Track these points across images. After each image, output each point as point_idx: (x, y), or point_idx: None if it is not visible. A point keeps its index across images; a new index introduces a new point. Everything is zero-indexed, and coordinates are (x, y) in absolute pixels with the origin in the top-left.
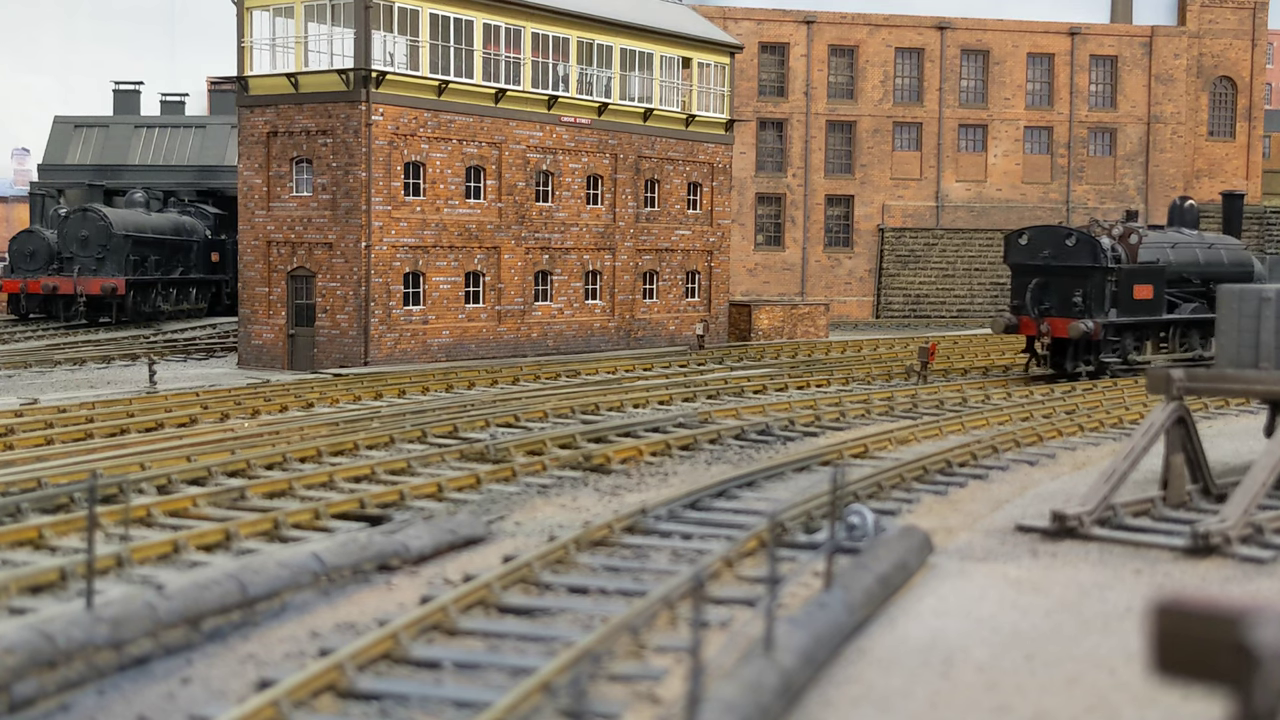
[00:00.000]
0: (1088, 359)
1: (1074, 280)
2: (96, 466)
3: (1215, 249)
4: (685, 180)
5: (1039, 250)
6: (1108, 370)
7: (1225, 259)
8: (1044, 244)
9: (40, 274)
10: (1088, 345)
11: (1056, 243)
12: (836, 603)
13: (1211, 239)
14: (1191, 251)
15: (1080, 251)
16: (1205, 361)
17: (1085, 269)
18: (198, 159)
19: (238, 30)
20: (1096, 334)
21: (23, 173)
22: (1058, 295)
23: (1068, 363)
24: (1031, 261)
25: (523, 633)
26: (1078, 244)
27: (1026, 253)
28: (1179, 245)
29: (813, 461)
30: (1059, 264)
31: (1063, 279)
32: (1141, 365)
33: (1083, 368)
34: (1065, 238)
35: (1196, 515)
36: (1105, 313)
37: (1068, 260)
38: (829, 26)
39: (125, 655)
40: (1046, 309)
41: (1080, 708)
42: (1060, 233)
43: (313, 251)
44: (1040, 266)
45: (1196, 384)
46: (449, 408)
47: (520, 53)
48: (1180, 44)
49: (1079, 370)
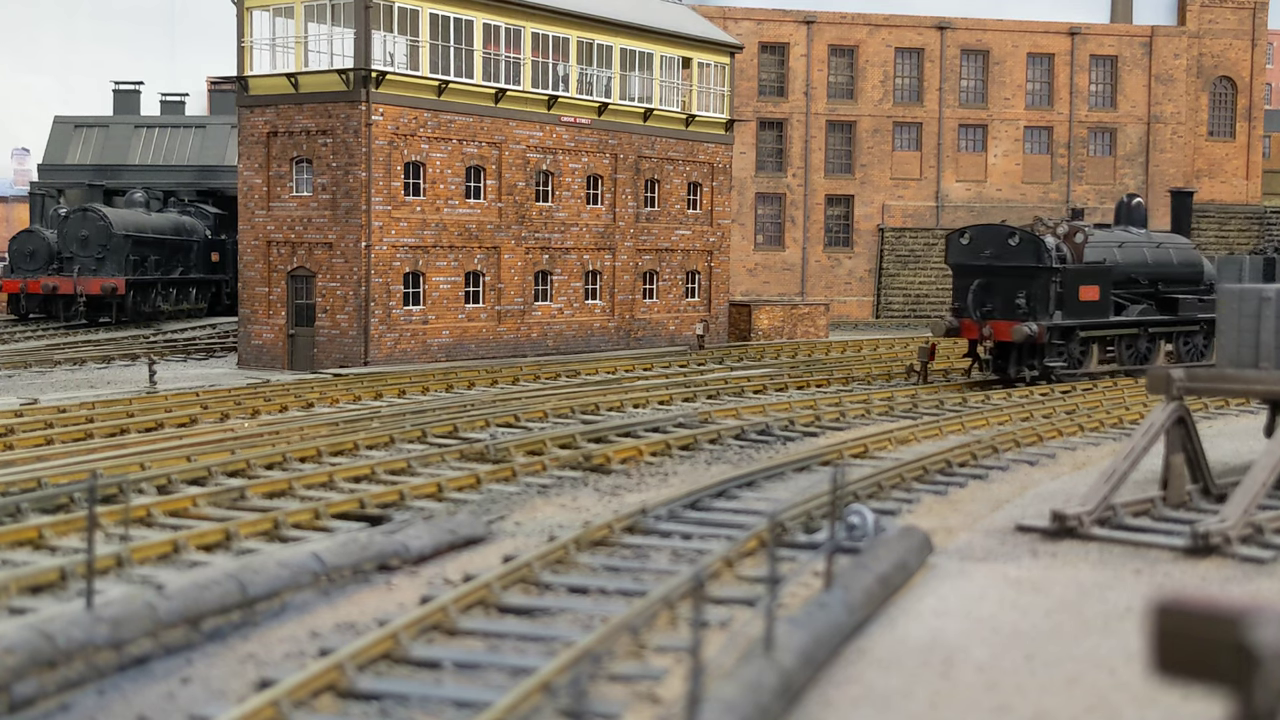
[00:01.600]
0: (1031, 363)
1: (1017, 281)
2: (96, 466)
3: (1164, 248)
4: (685, 180)
5: (981, 250)
6: (1052, 375)
7: (1174, 259)
8: (986, 243)
9: (40, 274)
10: (1032, 349)
11: (999, 242)
12: (836, 603)
13: (1160, 238)
14: (1139, 251)
15: (1024, 251)
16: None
17: (1029, 269)
18: (198, 159)
19: (238, 30)
20: (1041, 337)
21: (23, 173)
22: (1001, 297)
23: (1011, 367)
24: (973, 262)
25: (523, 633)
26: (1021, 243)
27: (968, 252)
28: (1126, 245)
29: (813, 461)
30: (1002, 264)
31: (1006, 280)
32: (1087, 371)
33: (1026, 372)
34: (1008, 237)
35: (1196, 515)
36: (1050, 315)
37: (1011, 260)
38: (829, 26)
39: (125, 655)
40: (989, 311)
41: (1080, 708)
42: (1003, 232)
43: (313, 251)
44: (983, 267)
45: (1196, 384)
46: (449, 408)
47: (520, 53)
48: (1180, 44)
49: (1022, 375)
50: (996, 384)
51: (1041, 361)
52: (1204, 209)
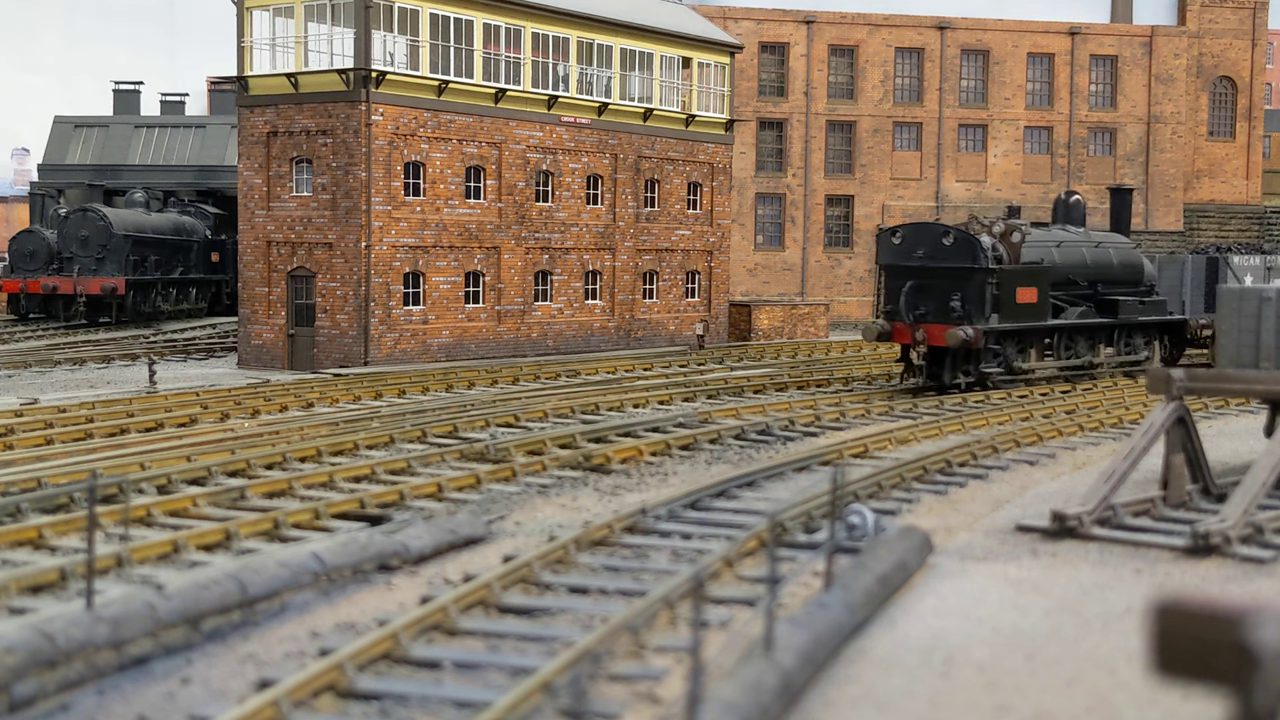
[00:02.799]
0: (967, 369)
1: (952, 283)
2: (96, 466)
3: (1103, 248)
4: (685, 180)
5: (913, 249)
6: (989, 381)
7: (1114, 259)
8: (919, 242)
9: (40, 274)
10: (967, 354)
11: (933, 241)
12: (836, 603)
13: (1099, 237)
14: (1078, 251)
15: (958, 251)
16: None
17: (964, 270)
18: (198, 159)
19: (238, 30)
20: (976, 341)
21: (23, 173)
22: (934, 299)
23: (946, 373)
24: (905, 262)
25: (523, 633)
26: (955, 243)
27: (900, 252)
28: (1065, 244)
29: (813, 461)
30: (935, 265)
31: (940, 281)
32: (1025, 377)
33: (962, 379)
34: (942, 236)
35: (1196, 515)
36: (986, 318)
37: (945, 261)
38: (829, 26)
39: (125, 655)
40: (922, 314)
41: (1080, 708)
42: (936, 230)
43: (313, 251)
44: (915, 268)
45: (1197, 384)
46: (449, 408)
47: (520, 52)
48: (1180, 44)
49: (957, 382)
50: (930, 391)
51: (978, 367)
52: (1204, 209)
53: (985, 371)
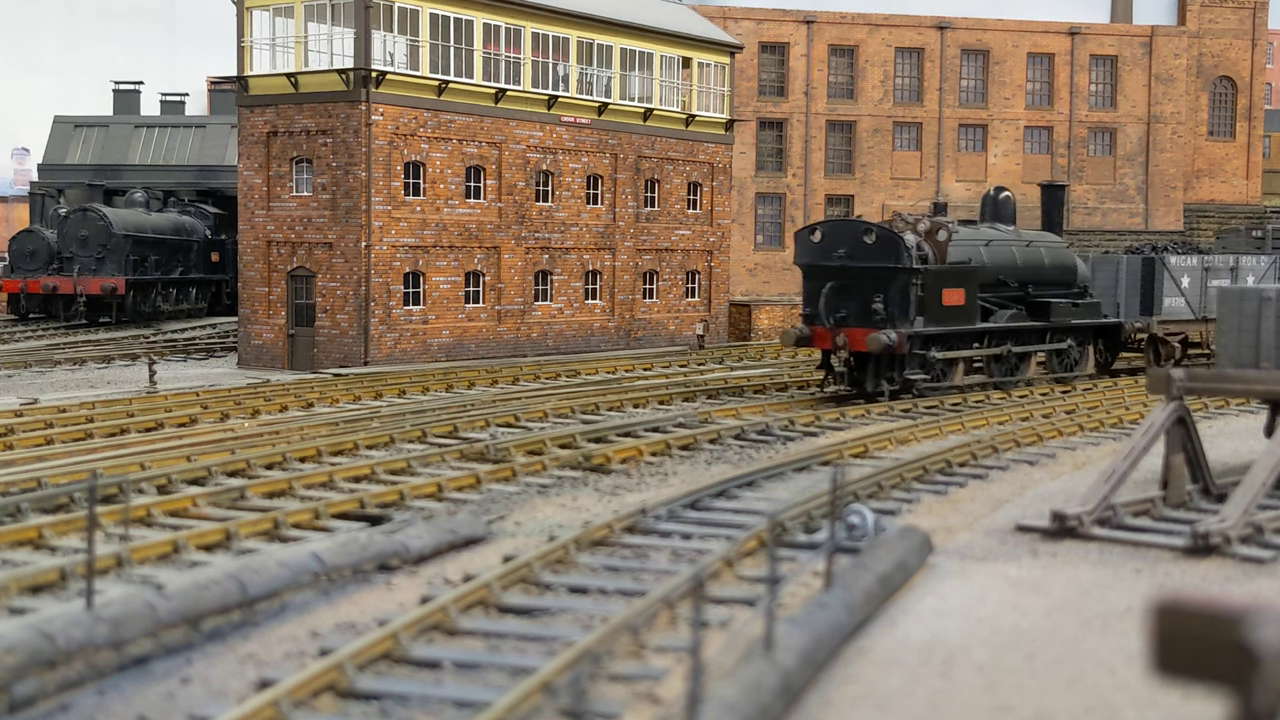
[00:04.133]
0: (891, 375)
1: (874, 284)
2: (96, 466)
3: (1034, 248)
4: (685, 180)
5: (834, 249)
6: (914, 389)
7: (1046, 259)
8: (840, 241)
9: (40, 274)
10: (891, 360)
11: (854, 240)
12: (836, 603)
13: (1030, 236)
14: (1008, 250)
15: (881, 250)
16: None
17: (887, 270)
18: (198, 159)
19: (238, 30)
20: (901, 346)
21: (23, 173)
22: (856, 302)
23: (868, 380)
24: (825, 262)
25: (523, 633)
26: (878, 241)
27: (819, 251)
28: (993, 243)
29: (813, 461)
30: (857, 265)
31: (861, 283)
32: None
33: (885, 386)
34: (863, 234)
35: (1196, 515)
36: (910, 322)
37: (867, 260)
38: (829, 26)
39: (125, 655)
40: (843, 318)
41: (1080, 708)
42: (858, 228)
43: (313, 251)
44: (836, 268)
45: (1197, 384)
46: (449, 408)
47: (520, 52)
48: (1180, 44)
49: (880, 389)
50: (855, 399)
51: (902, 374)
52: (1204, 209)
53: (910, 378)
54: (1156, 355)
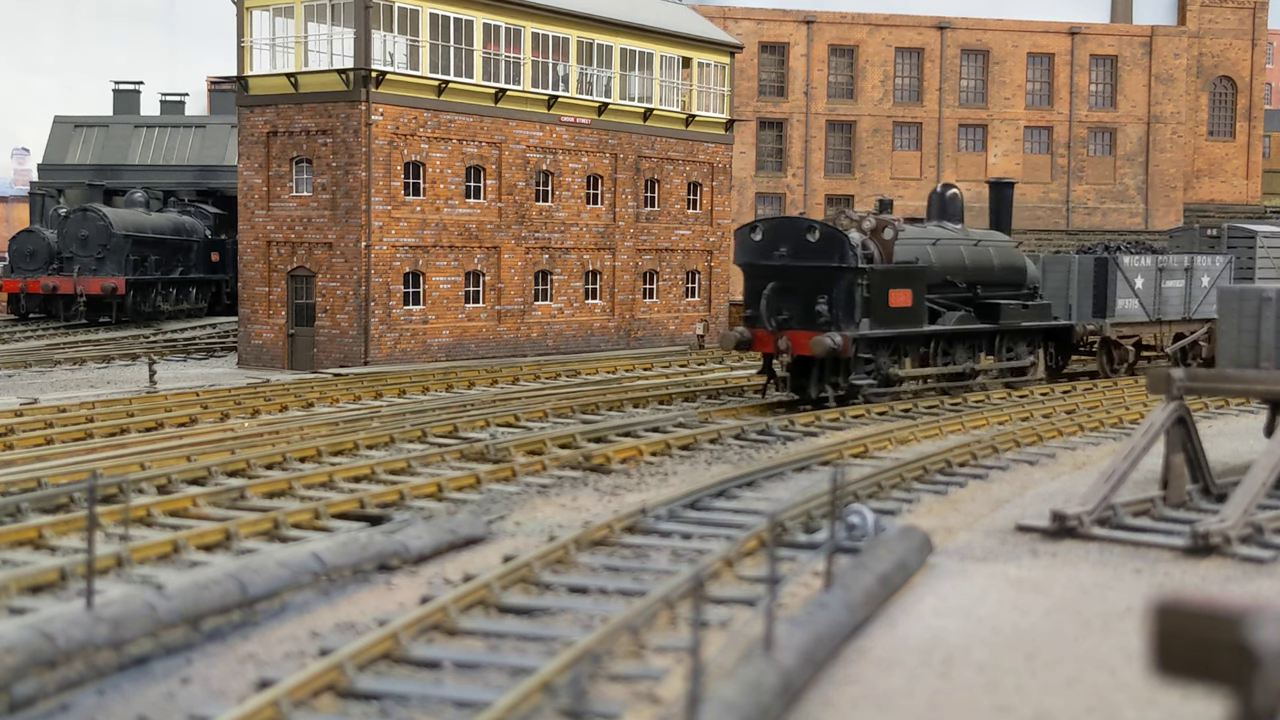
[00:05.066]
0: (835, 381)
1: (818, 284)
2: (96, 466)
3: (983, 247)
4: (685, 180)
5: (775, 247)
6: (859, 394)
7: (995, 259)
8: (781, 239)
9: (40, 274)
10: (836, 364)
11: (796, 238)
12: (836, 603)
13: (979, 235)
14: (956, 250)
15: (824, 249)
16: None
17: (831, 270)
18: (198, 159)
19: (238, 30)
20: (846, 350)
21: (23, 173)
22: (799, 303)
23: (812, 386)
24: (767, 261)
25: (523, 632)
26: (821, 240)
27: (760, 250)
28: (941, 242)
29: (813, 461)
30: (799, 264)
31: (804, 283)
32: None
33: (830, 391)
34: (806, 232)
35: (1196, 515)
36: (856, 324)
37: (810, 260)
38: (829, 26)
39: (125, 655)
40: (786, 320)
41: (1080, 708)
42: (800, 226)
43: (313, 251)
44: (778, 268)
45: (1197, 384)
46: (449, 407)
47: (520, 52)
48: (1180, 44)
49: (825, 395)
50: (800, 406)
51: (847, 379)
52: (1204, 209)
53: (855, 384)
54: (1109, 358)
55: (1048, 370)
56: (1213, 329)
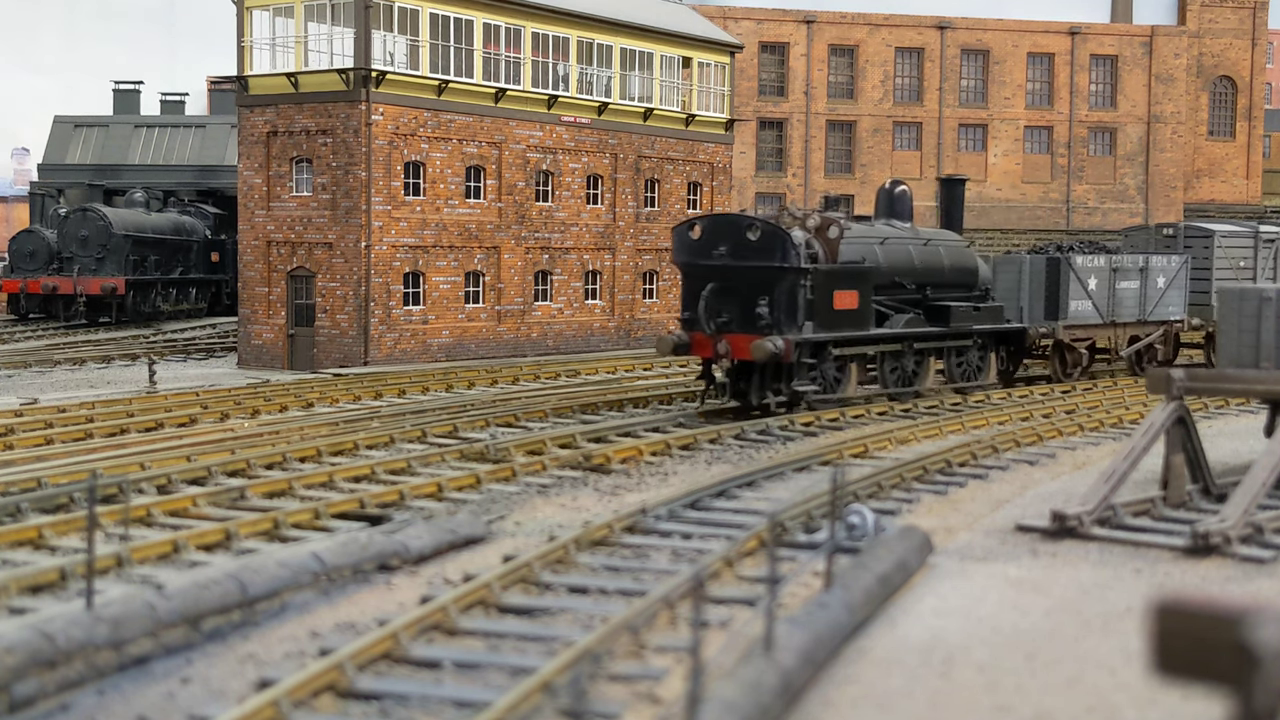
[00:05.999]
0: (778, 387)
1: (759, 285)
2: (96, 466)
3: (933, 246)
4: (685, 180)
5: (714, 246)
6: (803, 401)
7: (945, 259)
8: (721, 238)
9: (40, 274)
10: (778, 369)
11: (736, 236)
12: (836, 603)
13: (928, 234)
14: (904, 249)
15: (766, 248)
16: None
17: (773, 270)
18: (198, 159)
19: (238, 30)
20: (788, 355)
21: (23, 173)
22: (739, 305)
23: (753, 392)
24: (705, 261)
25: (523, 632)
26: (763, 238)
27: (699, 249)
28: (889, 241)
29: (813, 461)
30: (740, 264)
31: (745, 284)
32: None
33: (771, 398)
34: (747, 229)
35: (1196, 515)
36: (799, 327)
37: (750, 259)
38: (829, 26)
39: (125, 655)
40: (725, 323)
41: (1080, 708)
42: (740, 223)
43: (313, 251)
44: (717, 268)
45: (1197, 384)
46: (449, 408)
47: (520, 52)
48: (1180, 44)
49: (766, 401)
50: (739, 414)
51: (789, 385)
52: (1204, 209)
53: (798, 390)
54: (1062, 362)
55: (999, 375)
56: (1168, 331)
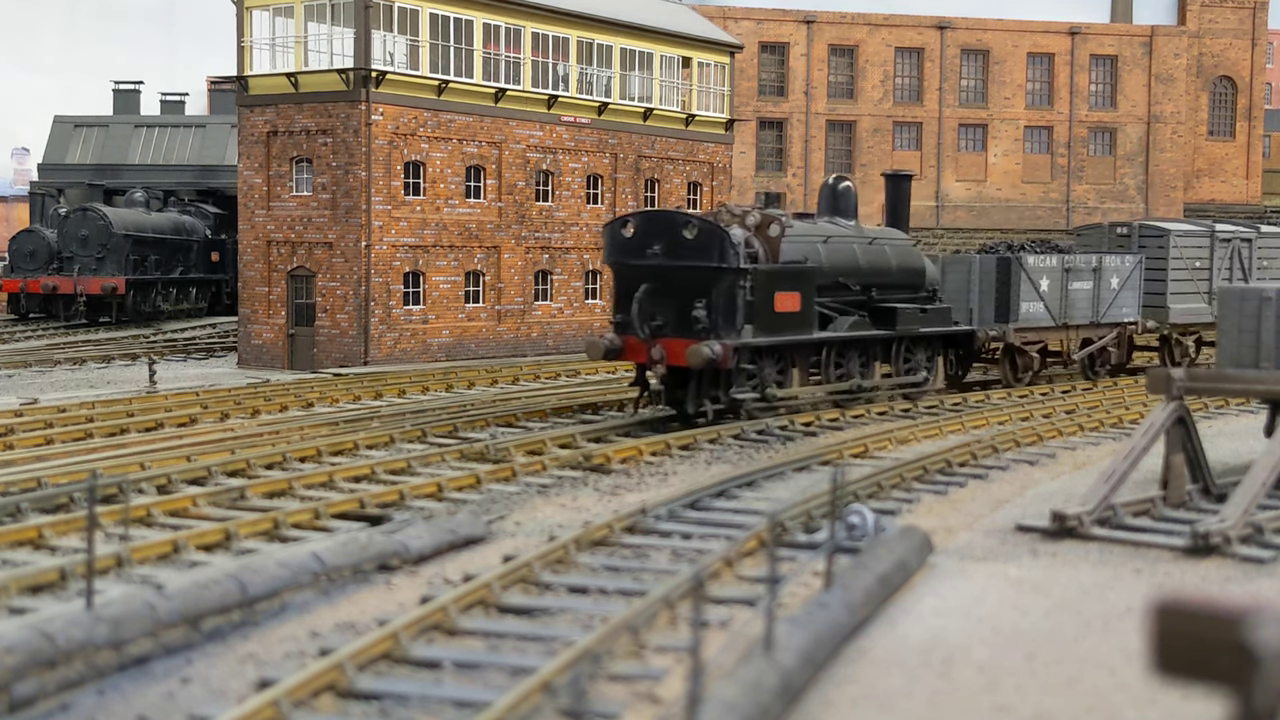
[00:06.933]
0: (715, 394)
1: (695, 287)
2: (96, 466)
3: (878, 245)
4: (685, 180)
5: (648, 244)
6: (742, 409)
7: (891, 259)
8: (655, 236)
9: (40, 274)
10: (715, 376)
11: (671, 235)
12: (836, 603)
13: (873, 232)
14: (849, 249)
15: (703, 247)
16: (864, 393)
17: (709, 271)
18: (198, 159)
19: (237, 30)
20: (726, 360)
21: (23, 172)
22: (674, 308)
23: (690, 400)
24: (638, 261)
25: (523, 632)
26: (699, 236)
27: (632, 248)
28: (833, 240)
29: (812, 461)
30: (675, 264)
31: (680, 285)
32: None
33: (709, 406)
34: (682, 227)
35: (1197, 515)
36: (738, 331)
37: (686, 259)
38: (829, 26)
39: (125, 655)
40: (659, 327)
41: (1080, 708)
42: (676, 220)
43: (313, 251)
44: (651, 268)
45: (1197, 384)
46: (449, 408)
47: (520, 52)
48: (1180, 44)
49: (703, 410)
50: (674, 423)
51: (728, 392)
52: (1204, 209)
53: (737, 397)
54: (1013, 366)
55: (947, 379)
56: (1122, 333)
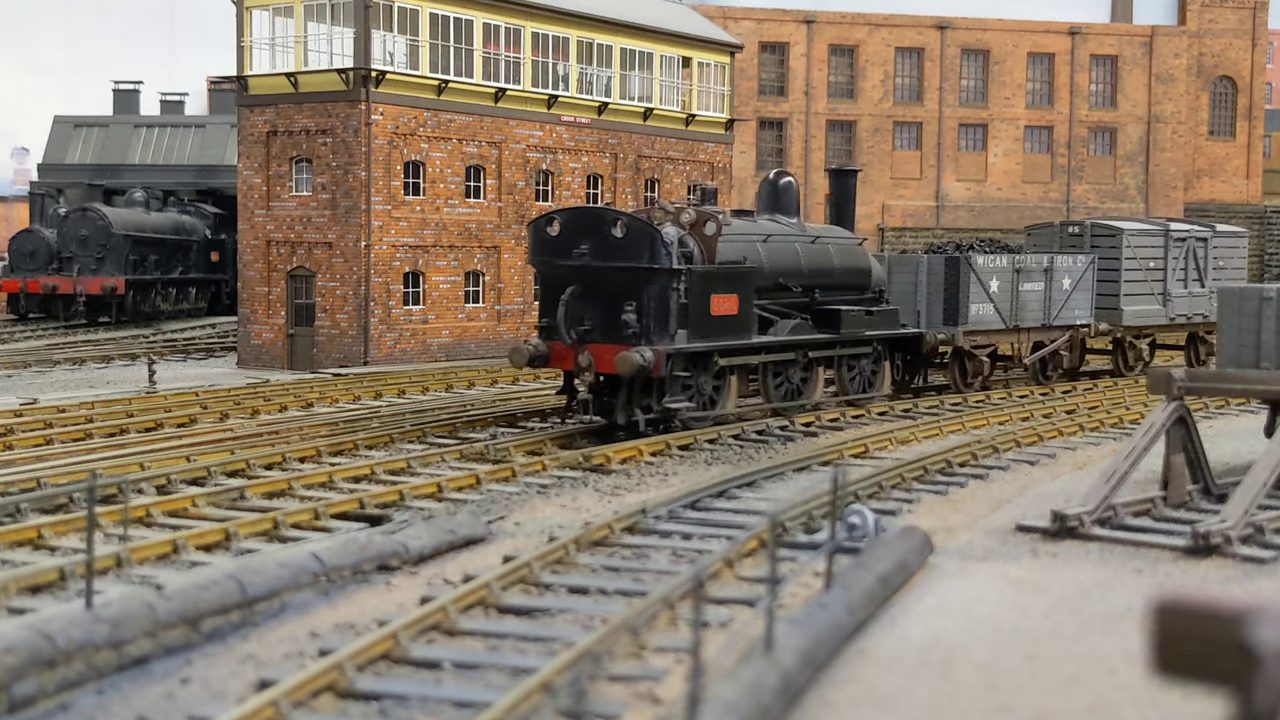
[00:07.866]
0: (648, 403)
1: (625, 289)
2: (96, 466)
3: (821, 244)
4: (685, 180)
5: (575, 244)
6: (676, 419)
7: (835, 259)
8: (582, 234)
9: (40, 274)
10: (647, 384)
11: (600, 233)
12: (837, 603)
13: (817, 230)
14: (790, 248)
15: (633, 246)
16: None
17: (640, 272)
18: (197, 159)
19: (237, 30)
20: (658, 367)
21: (23, 172)
22: (603, 311)
23: (620, 410)
24: (565, 261)
25: (523, 633)
26: (629, 235)
27: (557, 248)
28: (773, 239)
29: (813, 461)
30: (604, 265)
31: (609, 287)
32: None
33: (640, 415)
34: (611, 226)
35: (1197, 515)
36: (671, 336)
37: (616, 259)
38: (829, 26)
39: (125, 655)
40: (588, 332)
41: (1080, 708)
42: (604, 218)
43: (312, 251)
44: (578, 269)
45: (1197, 384)
46: (449, 408)
47: (520, 52)
48: (1180, 43)
49: (635, 420)
50: (607, 433)
51: (661, 401)
52: (1204, 209)
53: (670, 407)
54: (962, 371)
55: (895, 385)
56: (1074, 336)
